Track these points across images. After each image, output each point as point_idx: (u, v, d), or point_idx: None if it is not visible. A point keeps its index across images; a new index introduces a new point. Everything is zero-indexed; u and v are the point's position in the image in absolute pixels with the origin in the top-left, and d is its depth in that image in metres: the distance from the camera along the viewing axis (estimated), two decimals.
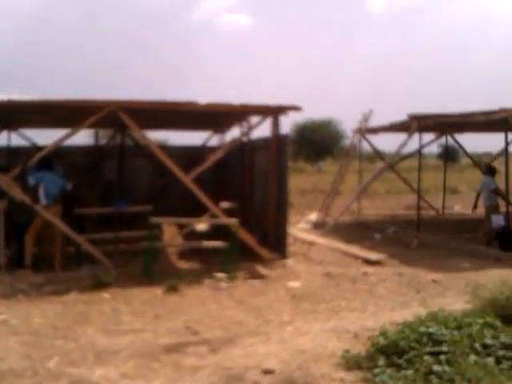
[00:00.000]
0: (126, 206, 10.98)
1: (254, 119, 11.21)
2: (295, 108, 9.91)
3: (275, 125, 10.21)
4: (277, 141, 10.27)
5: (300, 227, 15.05)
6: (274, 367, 4.97)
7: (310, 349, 5.49)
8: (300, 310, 7.10)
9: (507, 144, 12.89)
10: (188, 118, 11.94)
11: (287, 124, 40.46)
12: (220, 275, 8.70)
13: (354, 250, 11.33)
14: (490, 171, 12.37)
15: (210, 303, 7.45)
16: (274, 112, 10.11)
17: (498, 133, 14.89)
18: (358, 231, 14.24)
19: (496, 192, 12.04)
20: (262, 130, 10.98)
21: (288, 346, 5.61)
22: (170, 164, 9.57)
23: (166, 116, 11.57)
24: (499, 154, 17.53)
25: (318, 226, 14.94)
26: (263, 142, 11.06)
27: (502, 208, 12.17)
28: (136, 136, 13.53)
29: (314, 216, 16.31)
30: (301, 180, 28.32)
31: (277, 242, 10.29)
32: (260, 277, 8.88)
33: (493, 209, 11.88)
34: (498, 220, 11.23)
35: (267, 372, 4.85)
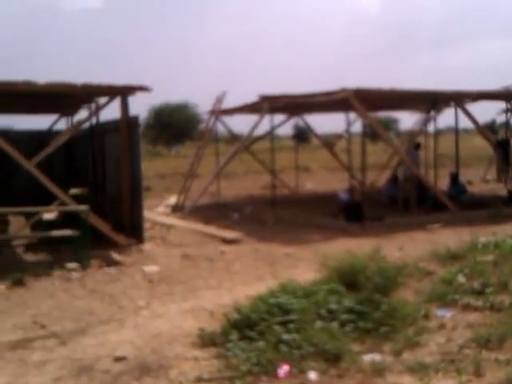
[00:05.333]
0: None
1: (102, 101, 10.69)
2: (143, 88, 9.63)
3: (124, 106, 9.84)
4: (127, 123, 9.93)
5: (159, 211, 14.85)
6: (127, 354, 4.84)
7: (166, 331, 5.44)
8: (156, 294, 6.98)
9: (349, 123, 13.73)
10: (29, 101, 11.08)
11: (143, 107, 39.58)
12: (71, 265, 8.26)
13: (212, 230, 11.42)
14: None
15: (59, 295, 7.04)
16: (121, 92, 9.73)
17: (341, 112, 15.77)
18: (216, 212, 14.35)
19: None
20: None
21: (143, 331, 5.50)
22: (9, 150, 8.84)
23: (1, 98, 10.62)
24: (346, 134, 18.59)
25: (177, 209, 14.84)
26: (113, 125, 10.64)
27: None
28: None
29: (173, 199, 16.17)
30: (160, 164, 27.96)
31: (133, 227, 10.02)
32: (115, 263, 8.59)
33: None
34: (343, 194, 11.96)
35: (119, 359, 4.71)
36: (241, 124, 17.57)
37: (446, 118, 27.19)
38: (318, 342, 4.56)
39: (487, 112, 22.38)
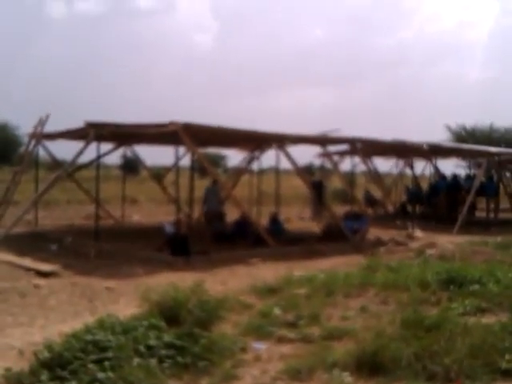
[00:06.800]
0: None
1: None
2: None
3: None
4: None
5: None
6: None
7: None
8: None
9: (177, 157, 13.86)
10: None
11: None
12: None
13: (26, 262, 10.58)
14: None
15: None
16: None
17: (171, 145, 15.86)
18: (33, 242, 13.38)
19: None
20: None
21: None
22: None
23: None
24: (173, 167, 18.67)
25: None
26: None
27: None
28: None
29: None
30: None
31: None
32: None
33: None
34: (169, 227, 11.93)
35: None
36: (66, 150, 16.75)
37: (270, 157, 28.77)
38: (134, 379, 4.43)
39: (306, 155, 24.12)
